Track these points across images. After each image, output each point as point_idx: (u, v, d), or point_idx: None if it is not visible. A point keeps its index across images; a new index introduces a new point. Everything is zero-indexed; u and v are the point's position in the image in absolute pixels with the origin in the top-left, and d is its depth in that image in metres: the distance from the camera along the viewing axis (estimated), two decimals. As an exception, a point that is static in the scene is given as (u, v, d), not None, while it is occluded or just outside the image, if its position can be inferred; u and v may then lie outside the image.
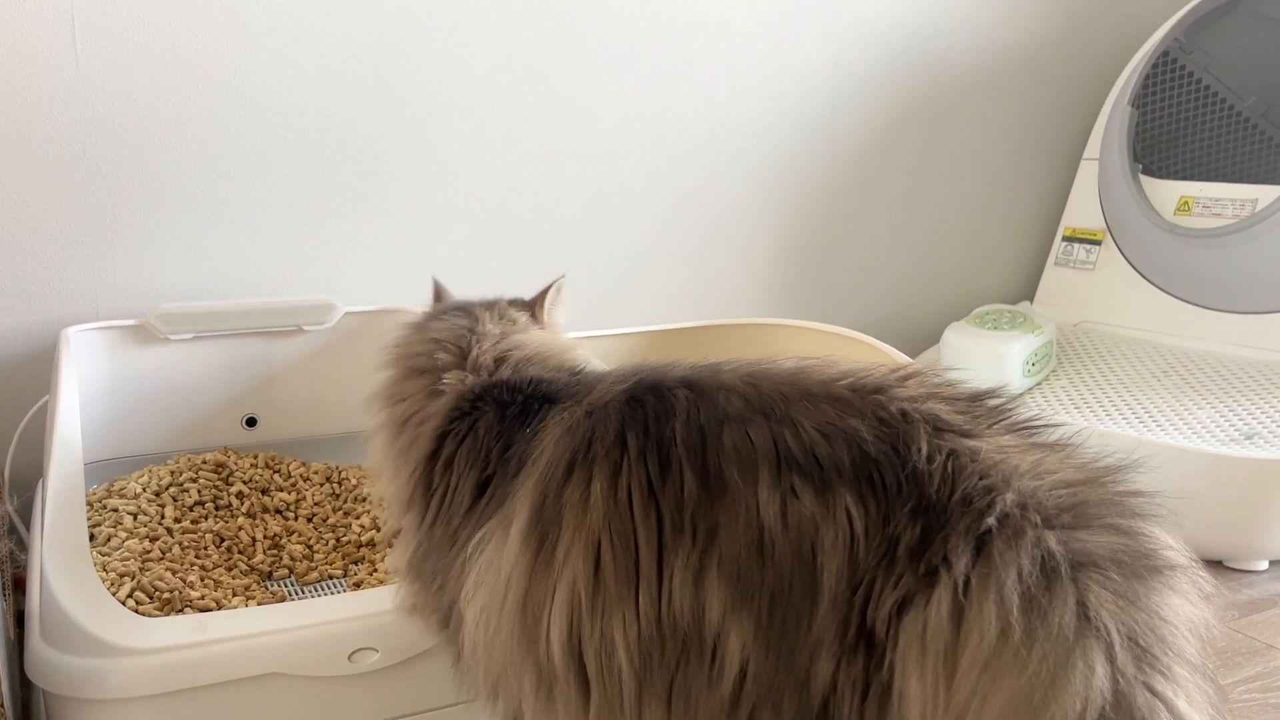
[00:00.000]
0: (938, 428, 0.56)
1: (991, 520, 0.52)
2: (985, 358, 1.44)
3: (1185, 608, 0.53)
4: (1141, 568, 0.53)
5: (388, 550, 0.85)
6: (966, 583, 0.51)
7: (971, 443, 0.56)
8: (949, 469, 0.54)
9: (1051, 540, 0.52)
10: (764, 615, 0.53)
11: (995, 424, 0.59)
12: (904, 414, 0.56)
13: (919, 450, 0.54)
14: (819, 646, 0.53)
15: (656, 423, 0.57)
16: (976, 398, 0.61)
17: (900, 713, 0.53)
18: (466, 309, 0.82)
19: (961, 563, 0.52)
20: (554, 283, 0.88)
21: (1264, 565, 1.21)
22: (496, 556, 0.58)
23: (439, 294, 0.92)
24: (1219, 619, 0.57)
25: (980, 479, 0.54)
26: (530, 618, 0.56)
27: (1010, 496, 0.53)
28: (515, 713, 0.59)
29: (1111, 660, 0.49)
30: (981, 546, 0.52)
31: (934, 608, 0.51)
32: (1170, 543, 0.56)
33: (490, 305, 0.84)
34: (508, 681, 0.58)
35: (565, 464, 0.57)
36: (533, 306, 0.89)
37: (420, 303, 1.23)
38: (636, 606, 0.54)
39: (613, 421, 0.58)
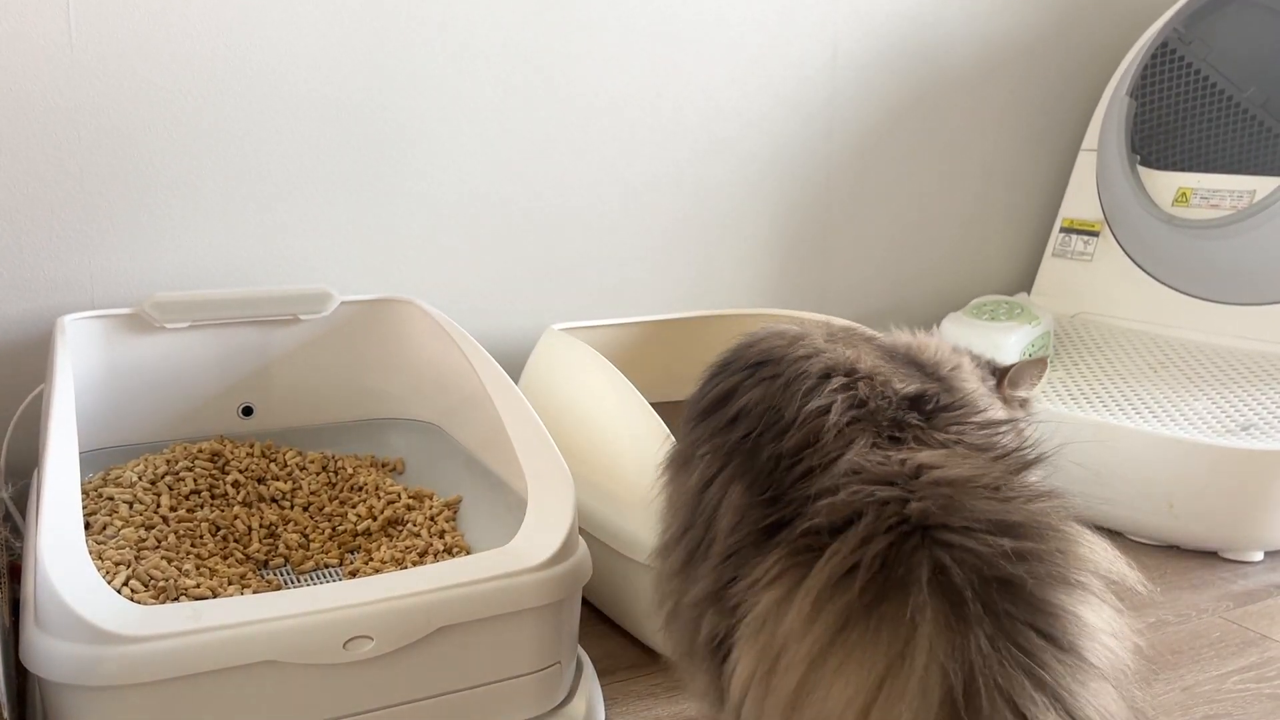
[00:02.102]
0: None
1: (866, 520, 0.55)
2: (983, 348, 1.42)
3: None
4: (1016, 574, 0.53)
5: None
6: (803, 576, 0.54)
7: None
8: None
9: (910, 543, 0.54)
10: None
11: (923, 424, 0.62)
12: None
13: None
14: (703, 589, 0.60)
15: None
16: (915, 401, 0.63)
17: (730, 680, 0.57)
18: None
19: (804, 557, 0.55)
20: (1036, 360, 0.81)
21: (1259, 556, 1.21)
22: None
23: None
24: (1136, 631, 0.58)
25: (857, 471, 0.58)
26: None
27: (883, 492, 0.56)
28: None
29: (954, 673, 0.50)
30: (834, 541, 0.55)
31: (772, 592, 0.55)
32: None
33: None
34: None
35: None
36: (1001, 377, 0.84)
37: (415, 293, 1.23)
38: None
39: None
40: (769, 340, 0.70)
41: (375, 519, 0.99)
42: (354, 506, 1.02)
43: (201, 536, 0.93)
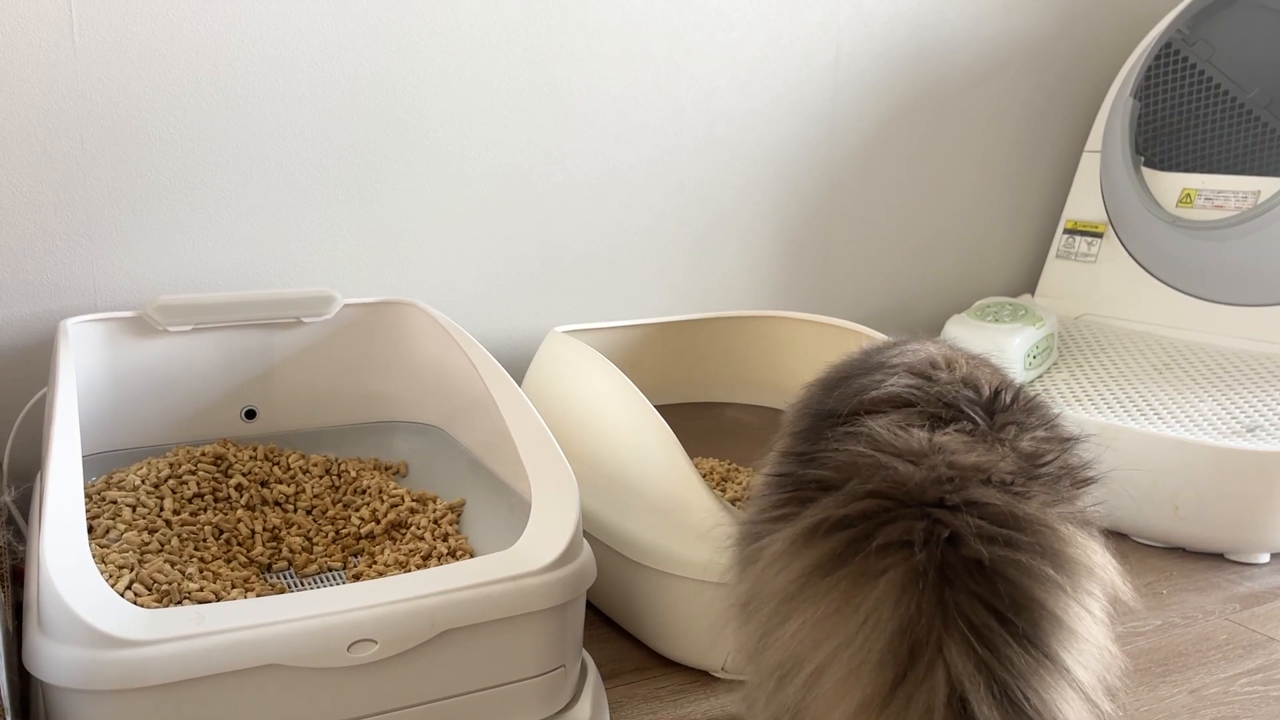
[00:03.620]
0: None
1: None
2: (986, 350, 1.43)
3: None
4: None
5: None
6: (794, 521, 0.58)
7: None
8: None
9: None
10: None
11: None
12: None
13: None
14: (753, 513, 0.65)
15: None
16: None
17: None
18: None
19: (798, 508, 0.59)
20: None
21: (1265, 558, 1.21)
22: None
23: None
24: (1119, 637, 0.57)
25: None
26: None
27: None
28: None
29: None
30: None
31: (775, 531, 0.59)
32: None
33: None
34: None
35: None
36: None
37: (418, 296, 1.23)
38: None
39: None
40: (885, 346, 0.75)
41: (379, 522, 0.99)
42: (357, 510, 1.02)
43: (205, 540, 0.93)
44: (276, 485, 1.03)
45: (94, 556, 0.79)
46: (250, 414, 1.13)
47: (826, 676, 0.53)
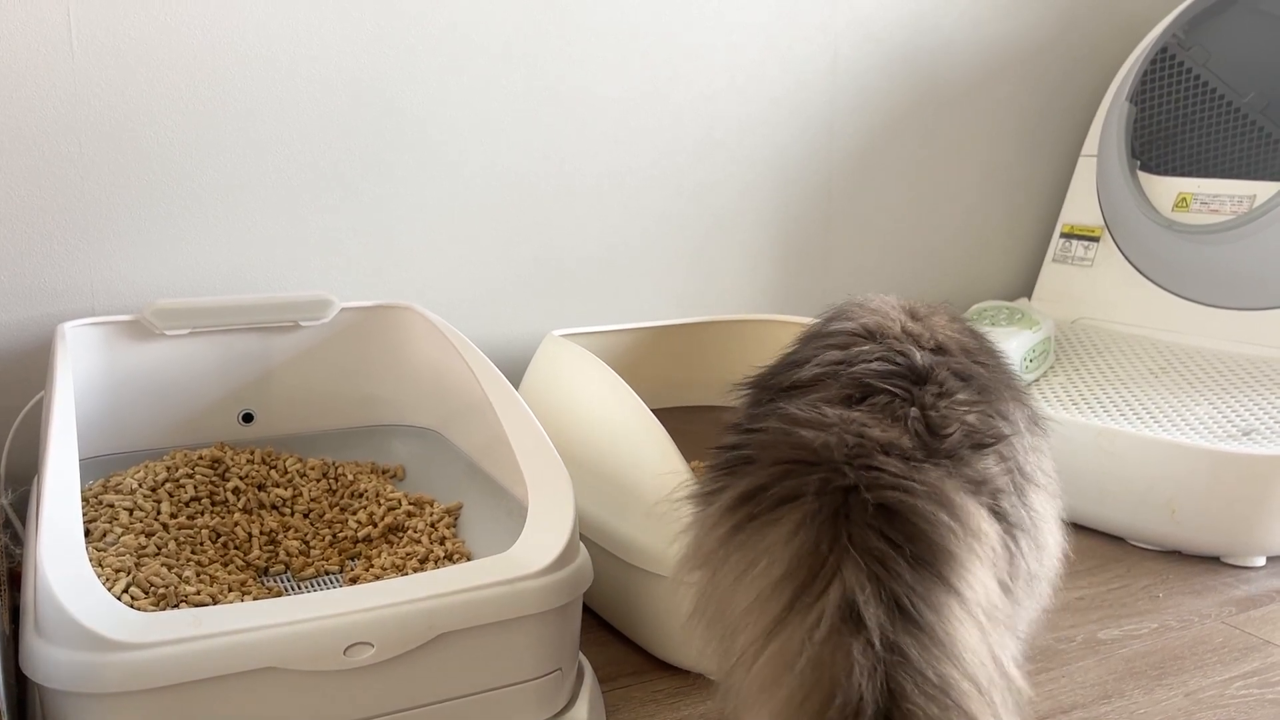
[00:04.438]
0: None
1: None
2: (983, 354, 1.43)
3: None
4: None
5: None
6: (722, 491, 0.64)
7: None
8: None
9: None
10: None
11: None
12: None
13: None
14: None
15: None
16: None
17: None
18: None
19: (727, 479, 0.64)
20: None
21: (1261, 561, 1.21)
22: None
23: None
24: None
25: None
26: None
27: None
28: None
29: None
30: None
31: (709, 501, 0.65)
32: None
33: None
34: None
35: None
36: None
37: (416, 299, 1.23)
38: None
39: None
40: (846, 306, 0.79)
41: (376, 525, 0.99)
42: (354, 513, 1.02)
43: (202, 543, 0.93)
44: (274, 489, 1.03)
45: (91, 560, 0.79)
46: (248, 417, 1.13)
47: (736, 608, 0.58)
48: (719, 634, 0.61)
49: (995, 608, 0.57)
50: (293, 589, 0.93)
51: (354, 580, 0.92)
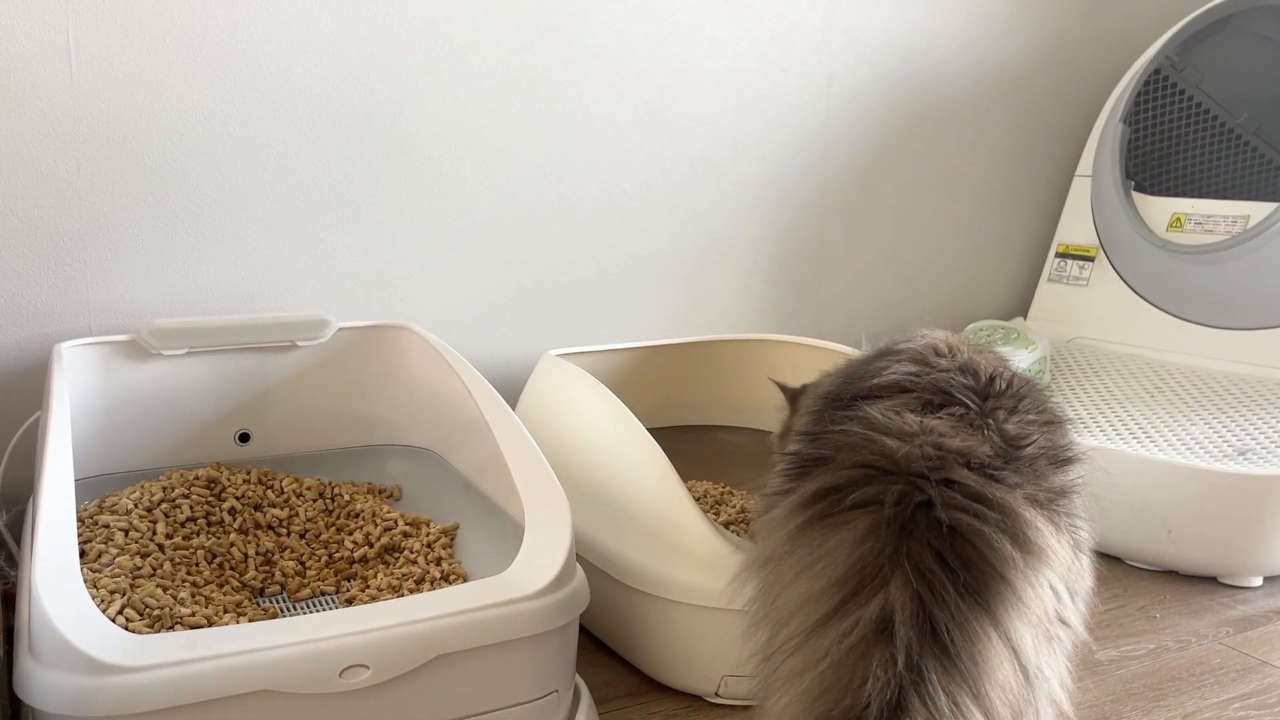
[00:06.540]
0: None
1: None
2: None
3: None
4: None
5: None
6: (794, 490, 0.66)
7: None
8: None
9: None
10: None
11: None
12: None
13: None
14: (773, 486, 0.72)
15: None
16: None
17: None
18: None
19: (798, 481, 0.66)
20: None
21: (1258, 581, 1.21)
22: None
23: None
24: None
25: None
26: None
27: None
28: None
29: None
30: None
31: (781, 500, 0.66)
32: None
33: None
34: None
35: None
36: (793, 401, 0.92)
37: (413, 319, 1.23)
38: None
39: None
40: (904, 334, 0.81)
41: (372, 546, 0.99)
42: (351, 533, 1.01)
43: (197, 564, 0.93)
44: (270, 509, 1.03)
45: (86, 581, 0.79)
46: (244, 437, 1.13)
47: (791, 602, 0.60)
48: (771, 622, 0.63)
49: (1055, 623, 0.59)
50: (289, 610, 0.92)
51: (350, 601, 0.92)
